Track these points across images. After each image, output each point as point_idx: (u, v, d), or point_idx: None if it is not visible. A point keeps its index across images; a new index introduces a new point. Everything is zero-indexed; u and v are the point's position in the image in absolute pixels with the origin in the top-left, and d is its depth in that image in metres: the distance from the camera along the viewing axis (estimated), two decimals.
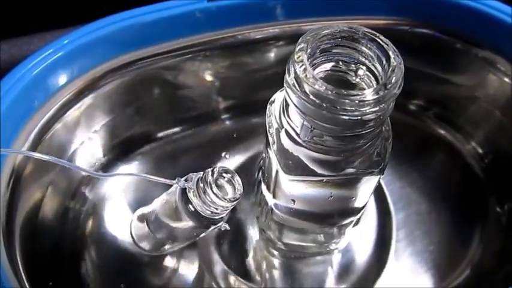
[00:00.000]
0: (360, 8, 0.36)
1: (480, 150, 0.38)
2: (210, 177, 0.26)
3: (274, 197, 0.27)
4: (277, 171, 0.24)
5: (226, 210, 0.27)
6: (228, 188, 0.27)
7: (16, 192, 0.28)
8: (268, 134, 0.24)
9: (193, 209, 0.27)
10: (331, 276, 0.33)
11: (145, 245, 0.32)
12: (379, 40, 0.22)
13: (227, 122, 0.40)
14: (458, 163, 0.38)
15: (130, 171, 0.37)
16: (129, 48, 0.33)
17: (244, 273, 0.32)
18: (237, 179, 0.27)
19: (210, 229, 0.29)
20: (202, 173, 0.27)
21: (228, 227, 0.30)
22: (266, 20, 0.36)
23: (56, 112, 0.31)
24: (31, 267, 0.27)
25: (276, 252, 0.33)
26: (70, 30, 0.31)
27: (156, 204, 0.30)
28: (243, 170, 0.37)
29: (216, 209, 0.27)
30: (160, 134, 0.39)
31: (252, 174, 0.36)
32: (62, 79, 0.31)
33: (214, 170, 0.27)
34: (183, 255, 0.33)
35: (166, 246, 0.32)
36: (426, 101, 0.40)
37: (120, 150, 0.37)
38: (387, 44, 0.22)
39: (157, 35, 0.33)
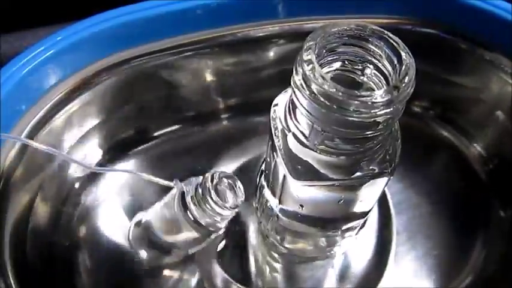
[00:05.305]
0: (361, 6, 0.35)
1: (484, 154, 0.38)
2: (209, 183, 0.25)
3: (280, 202, 0.27)
4: (284, 177, 0.23)
5: (226, 218, 0.27)
6: (229, 194, 0.26)
7: (5, 198, 0.28)
8: (274, 138, 0.23)
9: (191, 217, 0.26)
10: (331, 280, 0.32)
11: (143, 253, 0.31)
12: (388, 38, 0.21)
13: (227, 122, 0.39)
14: (462, 166, 0.38)
15: (125, 172, 0.36)
16: (126, 46, 0.33)
17: (245, 279, 0.32)
18: (238, 185, 0.27)
19: (211, 238, 0.28)
20: (201, 177, 0.26)
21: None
22: (267, 17, 0.35)
23: (47, 112, 0.30)
24: (22, 277, 0.26)
25: (278, 257, 0.33)
26: (64, 26, 0.30)
27: (154, 211, 0.29)
28: (243, 172, 0.36)
29: (216, 217, 0.26)
30: (157, 134, 0.38)
31: (254, 176, 0.36)
32: (55, 77, 0.30)
33: (214, 175, 0.26)
34: (181, 261, 0.32)
35: (165, 257, 0.30)
36: (429, 102, 0.40)
37: (115, 150, 0.36)
38: (397, 43, 0.21)
39: (155, 32, 0.33)
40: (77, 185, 0.34)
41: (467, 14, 0.34)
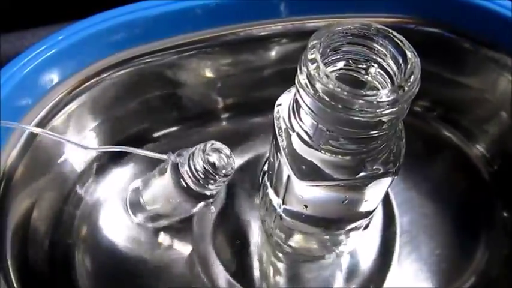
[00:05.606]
0: (364, 5, 0.35)
1: (487, 154, 0.38)
2: (201, 152, 0.27)
3: (284, 202, 0.26)
4: (288, 177, 0.23)
5: (218, 186, 0.28)
6: (221, 163, 0.28)
7: (7, 198, 0.27)
8: (278, 138, 0.23)
9: (184, 184, 0.27)
10: (336, 281, 0.32)
11: (139, 217, 0.32)
12: (393, 37, 0.21)
13: (228, 121, 0.39)
14: (465, 166, 0.38)
15: (127, 172, 0.36)
16: (127, 45, 0.32)
17: (249, 279, 0.32)
18: (230, 154, 0.28)
19: (201, 204, 0.29)
20: (194, 148, 0.27)
21: (213, 209, 0.32)
22: (268, 17, 0.35)
23: (49, 111, 0.30)
24: (24, 277, 0.26)
25: (282, 257, 0.33)
26: (65, 25, 0.30)
27: (149, 178, 0.31)
28: (245, 171, 0.36)
29: (208, 184, 0.27)
30: (158, 134, 0.38)
31: (255, 176, 0.36)
32: (56, 77, 0.30)
33: (206, 145, 0.27)
34: (183, 260, 0.32)
35: (160, 220, 0.32)
36: (432, 102, 0.39)
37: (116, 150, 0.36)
38: (402, 42, 0.21)
39: (156, 31, 0.33)
40: (78, 185, 0.34)
41: (470, 13, 0.34)
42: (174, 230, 0.33)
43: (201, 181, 0.27)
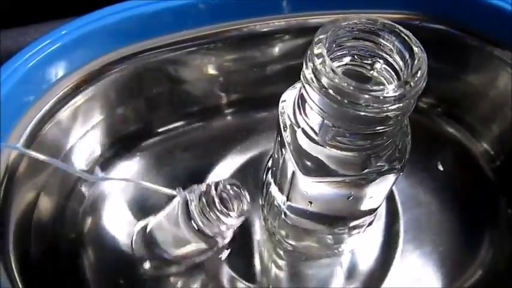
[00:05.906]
0: (367, 1, 0.35)
1: (491, 151, 0.38)
2: (213, 191, 0.25)
3: (288, 199, 0.26)
4: (293, 173, 0.23)
5: (231, 227, 0.26)
6: (234, 202, 0.26)
7: (10, 193, 0.27)
8: (283, 134, 0.23)
9: (195, 227, 0.25)
10: (337, 278, 0.32)
11: (146, 262, 0.30)
12: (399, 32, 0.21)
13: (231, 118, 0.39)
14: (469, 163, 0.38)
15: (130, 168, 0.36)
16: (130, 41, 0.32)
17: (251, 276, 0.31)
18: (244, 193, 0.26)
19: (217, 247, 0.27)
20: (205, 185, 0.25)
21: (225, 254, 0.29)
22: (271, 12, 0.35)
23: (52, 106, 0.30)
24: (26, 272, 0.26)
25: (284, 255, 0.33)
26: (68, 21, 0.30)
27: (157, 220, 0.29)
28: (248, 168, 0.36)
29: (221, 226, 0.25)
30: (161, 130, 0.38)
31: (259, 173, 0.35)
32: (59, 72, 0.30)
33: (219, 183, 0.25)
34: None
35: (169, 267, 0.30)
36: (436, 98, 0.39)
37: (119, 146, 0.36)
38: (409, 37, 0.21)
39: (159, 27, 0.32)
40: (81, 180, 0.34)
41: (475, 10, 0.34)
42: None
43: (212, 222, 0.25)
